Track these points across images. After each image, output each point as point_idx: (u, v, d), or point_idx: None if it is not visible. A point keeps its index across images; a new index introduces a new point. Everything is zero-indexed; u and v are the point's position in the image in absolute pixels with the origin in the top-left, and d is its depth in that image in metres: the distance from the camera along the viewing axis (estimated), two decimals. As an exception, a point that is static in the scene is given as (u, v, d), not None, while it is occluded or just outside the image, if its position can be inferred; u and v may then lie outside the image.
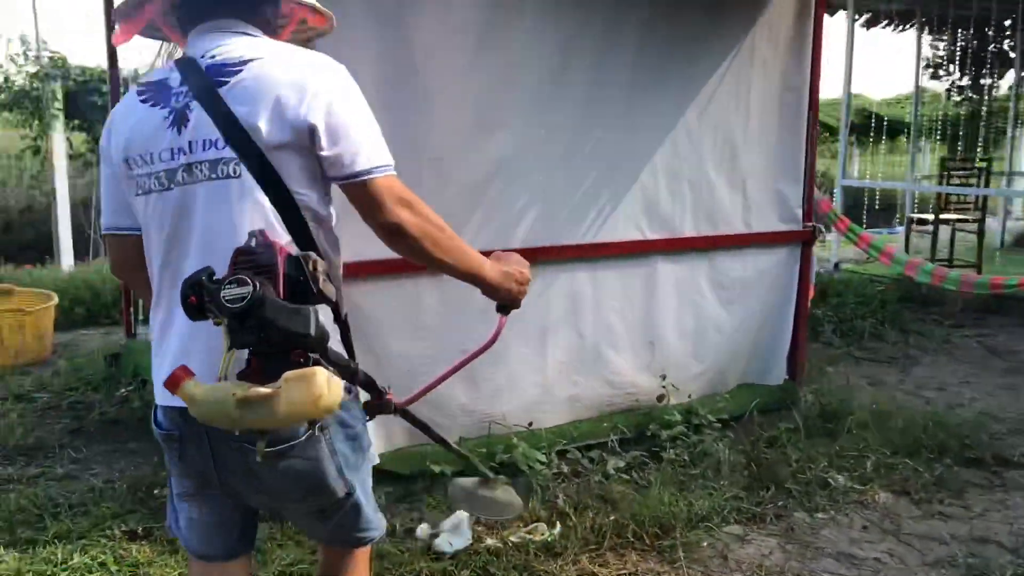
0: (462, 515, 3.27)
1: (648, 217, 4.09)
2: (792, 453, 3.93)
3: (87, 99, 10.87)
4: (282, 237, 1.58)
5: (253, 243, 1.45)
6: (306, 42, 1.97)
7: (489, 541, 3.19)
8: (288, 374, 1.36)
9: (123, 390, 4.83)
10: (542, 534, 3.21)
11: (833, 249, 8.73)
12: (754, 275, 4.46)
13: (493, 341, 1.99)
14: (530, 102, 3.70)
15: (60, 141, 9.16)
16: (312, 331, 1.38)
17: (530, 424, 3.90)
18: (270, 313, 1.35)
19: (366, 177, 1.60)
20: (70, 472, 3.85)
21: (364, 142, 1.61)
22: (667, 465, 3.80)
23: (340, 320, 1.72)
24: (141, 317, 5.52)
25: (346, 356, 1.71)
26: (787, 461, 3.84)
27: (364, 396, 1.82)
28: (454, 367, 2.03)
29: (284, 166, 1.59)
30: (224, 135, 1.58)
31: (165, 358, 1.69)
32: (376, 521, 1.89)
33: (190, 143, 1.60)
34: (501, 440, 3.73)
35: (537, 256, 3.75)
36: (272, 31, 1.79)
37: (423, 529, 3.25)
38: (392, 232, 1.63)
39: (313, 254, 1.47)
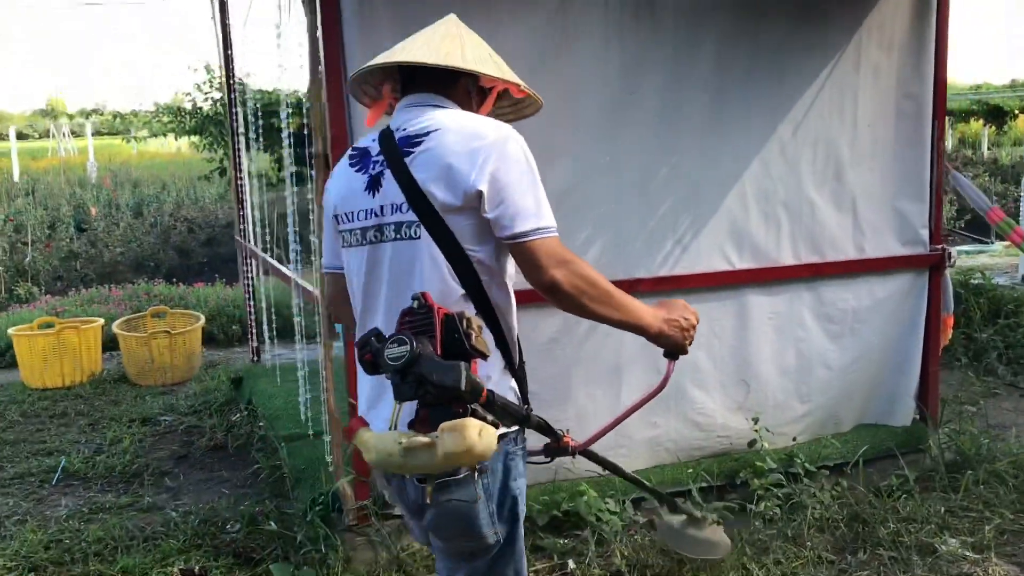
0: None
1: (737, 246, 3.75)
2: (901, 509, 3.49)
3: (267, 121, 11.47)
4: (456, 291, 1.79)
5: (415, 305, 1.62)
6: (517, 118, 2.17)
7: (529, 600, 3.01)
8: (444, 424, 1.51)
9: (235, 416, 4.99)
10: (588, 595, 3.01)
11: (1021, 259, 7.81)
12: (869, 305, 4.00)
13: (663, 386, 2.12)
14: (593, 129, 3.47)
15: (244, 163, 9.75)
16: (463, 385, 1.51)
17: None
18: (426, 370, 1.51)
19: (523, 239, 1.76)
20: (157, 502, 3.99)
21: (523, 205, 1.76)
22: (752, 519, 3.47)
23: (513, 368, 1.88)
24: (256, 344, 5.71)
25: (518, 403, 1.84)
26: (890, 518, 3.41)
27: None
28: (627, 411, 2.22)
29: (457, 226, 1.77)
30: (408, 200, 1.79)
31: (362, 395, 1.93)
32: None
33: (381, 207, 1.84)
34: (567, 487, 3.53)
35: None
36: (470, 102, 1.97)
37: None
38: (548, 290, 1.78)
39: (467, 313, 1.62)
